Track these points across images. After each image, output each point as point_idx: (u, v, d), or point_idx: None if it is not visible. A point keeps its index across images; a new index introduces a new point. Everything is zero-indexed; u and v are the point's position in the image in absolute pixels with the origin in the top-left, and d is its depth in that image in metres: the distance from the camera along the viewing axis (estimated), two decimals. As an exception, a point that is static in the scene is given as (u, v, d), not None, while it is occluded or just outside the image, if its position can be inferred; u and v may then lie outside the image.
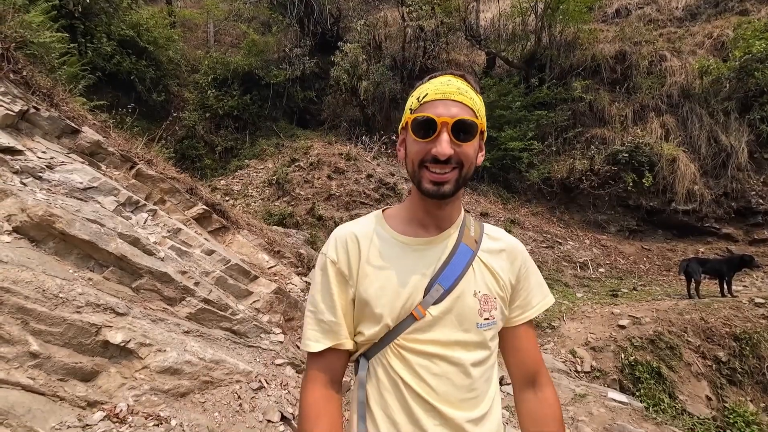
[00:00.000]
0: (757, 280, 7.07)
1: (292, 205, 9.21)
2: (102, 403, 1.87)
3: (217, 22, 13.90)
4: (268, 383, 2.47)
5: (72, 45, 7.06)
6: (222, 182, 10.25)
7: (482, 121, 0.83)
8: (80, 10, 8.61)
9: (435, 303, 0.82)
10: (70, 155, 3.14)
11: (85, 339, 1.95)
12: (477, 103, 0.82)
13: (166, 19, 12.14)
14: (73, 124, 3.32)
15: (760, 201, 8.24)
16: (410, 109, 0.84)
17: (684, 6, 11.59)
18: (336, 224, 8.58)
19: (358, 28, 11.54)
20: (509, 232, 6.05)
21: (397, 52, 12.24)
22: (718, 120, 8.93)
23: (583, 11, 10.42)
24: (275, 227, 6.27)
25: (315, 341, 0.85)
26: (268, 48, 12.19)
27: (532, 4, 10.71)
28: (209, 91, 11.34)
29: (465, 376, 0.82)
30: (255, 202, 9.57)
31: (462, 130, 0.78)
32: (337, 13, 12.79)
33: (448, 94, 0.79)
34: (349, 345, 0.87)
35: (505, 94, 10.11)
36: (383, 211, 0.96)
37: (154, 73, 10.63)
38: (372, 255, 0.86)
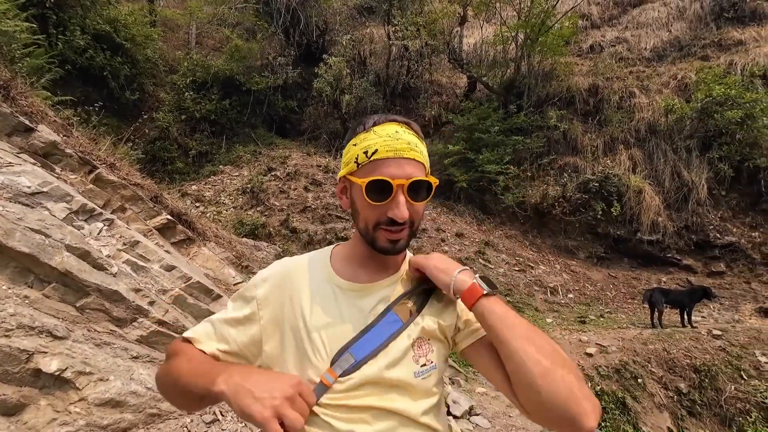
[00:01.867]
0: (714, 311, 7.38)
1: (265, 215, 8.95)
2: (26, 442, 1.65)
3: (200, 25, 13.63)
4: (222, 416, 2.28)
5: (41, 36, 6.70)
6: (193, 187, 9.87)
7: (428, 171, 0.83)
8: (53, 0, 8.23)
9: (344, 374, 0.73)
10: (20, 155, 2.89)
11: (12, 367, 1.72)
12: (425, 155, 0.81)
13: (147, 17, 11.81)
14: (26, 122, 3.07)
15: (718, 235, 8.68)
16: (356, 162, 0.79)
17: (652, 47, 12.34)
18: (310, 237, 8.38)
19: (344, 43, 11.58)
20: (483, 254, 6.02)
21: (381, 69, 12.35)
22: (681, 156, 9.44)
23: (560, 44, 10.90)
24: (245, 239, 6.03)
25: (204, 337, 0.85)
26: (251, 54, 12.02)
27: (513, 34, 11.11)
28: (187, 93, 11.02)
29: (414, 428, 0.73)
30: (227, 210, 9.25)
31: (417, 190, 0.77)
32: (324, 26, 12.84)
33: (400, 151, 0.76)
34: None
35: (484, 117, 10.34)
36: (335, 246, 0.93)
37: (129, 70, 10.24)
38: (304, 295, 0.82)
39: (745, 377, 4.96)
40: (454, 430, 3.19)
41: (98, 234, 2.76)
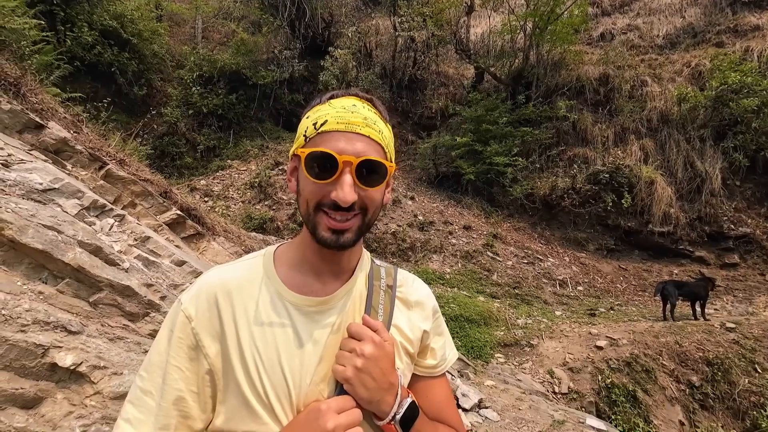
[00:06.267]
0: (727, 303, 7.27)
1: (273, 209, 9.00)
2: (44, 435, 1.68)
3: (206, 19, 13.63)
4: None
5: (49, 33, 6.74)
6: (202, 182, 9.95)
7: (391, 159, 0.71)
8: (59, -4, 8.28)
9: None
10: (31, 152, 2.92)
11: (29, 362, 1.75)
12: (386, 136, 0.70)
13: (153, 12, 11.84)
14: (37, 119, 3.09)
15: (731, 226, 8.52)
16: (305, 136, 0.68)
17: (664, 34, 12.04)
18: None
19: (350, 35, 11.49)
20: (491, 247, 5.96)
21: (388, 61, 12.25)
22: (694, 146, 9.24)
23: (569, 33, 10.67)
24: (254, 234, 6.06)
25: (131, 424, 0.64)
26: (257, 48, 12.00)
27: (521, 23, 10.90)
28: (194, 88, 11.05)
29: None
30: (235, 205, 9.32)
31: (368, 171, 0.65)
32: (329, 18, 12.73)
33: (353, 125, 0.65)
34: (197, 426, 0.67)
35: (492, 109, 10.21)
36: (277, 248, 0.79)
37: (137, 66, 10.30)
38: (250, 318, 0.68)
39: (759, 370, 4.89)
40: (464, 423, 3.20)
41: (109, 230, 2.79)
